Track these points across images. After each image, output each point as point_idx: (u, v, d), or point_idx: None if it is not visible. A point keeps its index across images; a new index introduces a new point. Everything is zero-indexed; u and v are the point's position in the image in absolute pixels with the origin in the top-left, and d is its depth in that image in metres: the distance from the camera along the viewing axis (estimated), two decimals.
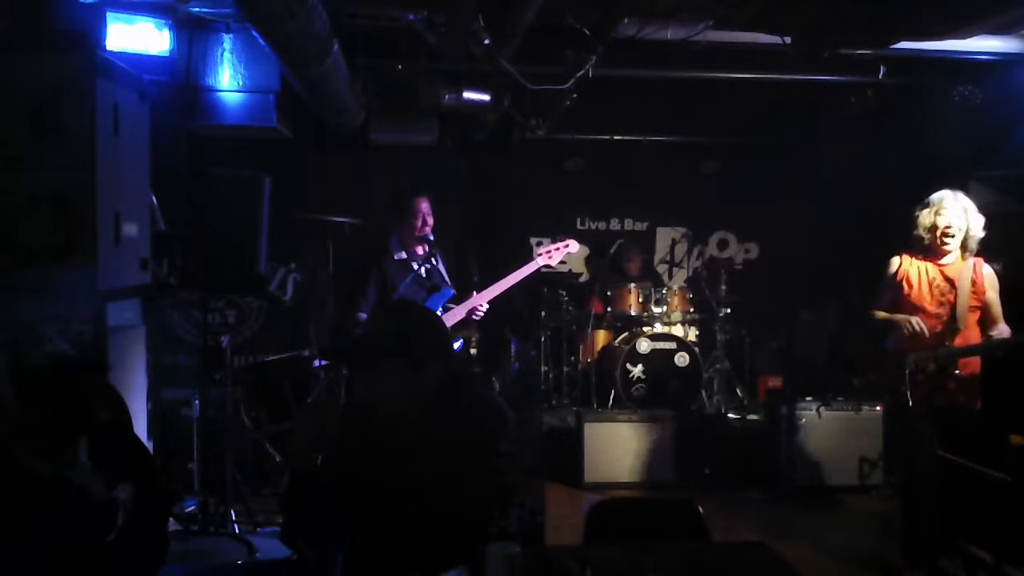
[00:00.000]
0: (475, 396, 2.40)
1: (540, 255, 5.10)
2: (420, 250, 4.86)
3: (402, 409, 2.28)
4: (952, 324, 3.95)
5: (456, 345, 4.89)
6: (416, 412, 2.29)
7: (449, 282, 4.91)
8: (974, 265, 3.99)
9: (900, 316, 4.01)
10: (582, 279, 7.90)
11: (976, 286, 3.97)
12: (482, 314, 4.86)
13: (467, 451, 2.25)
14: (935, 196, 4.06)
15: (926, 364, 3.93)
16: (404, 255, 4.85)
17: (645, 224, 8.33)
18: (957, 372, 3.92)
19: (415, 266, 4.83)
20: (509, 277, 4.94)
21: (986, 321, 3.98)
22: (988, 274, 4.01)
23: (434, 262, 4.87)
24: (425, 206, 4.79)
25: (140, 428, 3.74)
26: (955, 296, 3.95)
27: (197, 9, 4.54)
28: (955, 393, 3.95)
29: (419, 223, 4.76)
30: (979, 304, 3.98)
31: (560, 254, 5.11)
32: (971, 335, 3.97)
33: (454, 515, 2.18)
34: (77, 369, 2.07)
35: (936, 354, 3.92)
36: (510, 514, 2.21)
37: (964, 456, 3.84)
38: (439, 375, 2.32)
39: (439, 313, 4.70)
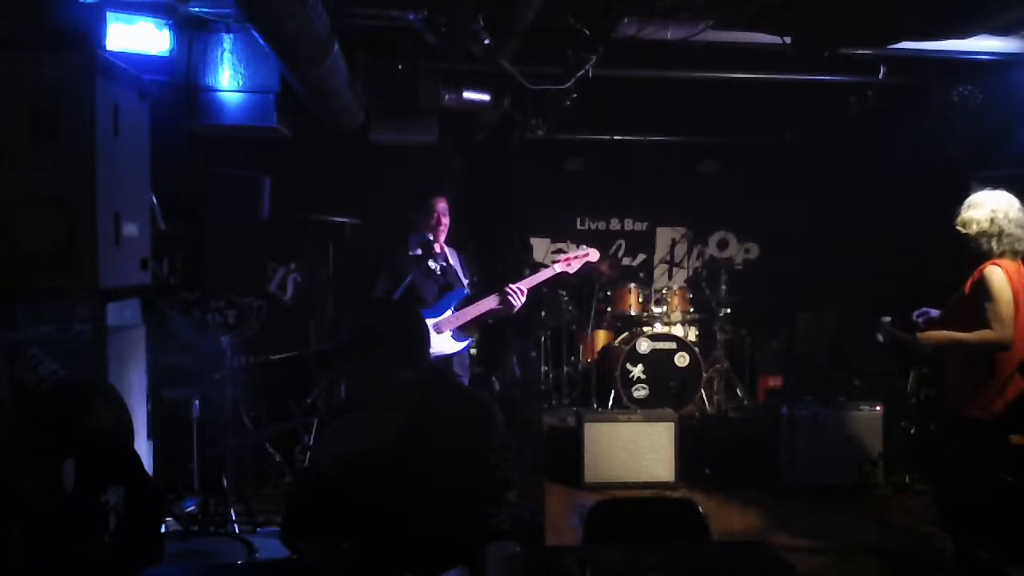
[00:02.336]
0: (461, 394, 2.42)
1: (559, 262, 5.05)
2: (439, 248, 4.85)
3: (390, 405, 2.29)
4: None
5: (464, 344, 4.87)
6: (405, 411, 2.29)
7: (464, 283, 4.88)
8: (977, 270, 3.75)
9: None
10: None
11: (969, 292, 3.76)
12: (518, 296, 4.74)
13: (459, 449, 2.26)
14: None
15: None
16: (420, 252, 4.84)
17: (645, 224, 8.33)
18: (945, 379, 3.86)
19: (431, 264, 4.81)
20: (524, 281, 4.86)
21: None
22: (979, 278, 3.72)
23: (451, 261, 4.85)
24: (441, 205, 4.80)
25: (140, 428, 3.73)
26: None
27: (197, 9, 4.54)
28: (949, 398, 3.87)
29: (433, 222, 4.77)
30: (972, 312, 3.74)
31: (579, 262, 5.07)
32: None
33: (451, 514, 2.19)
34: (67, 390, 2.08)
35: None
36: (503, 511, 2.22)
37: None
38: (422, 369, 2.34)
39: (451, 312, 4.72)
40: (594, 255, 5.17)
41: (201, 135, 5.36)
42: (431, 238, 4.81)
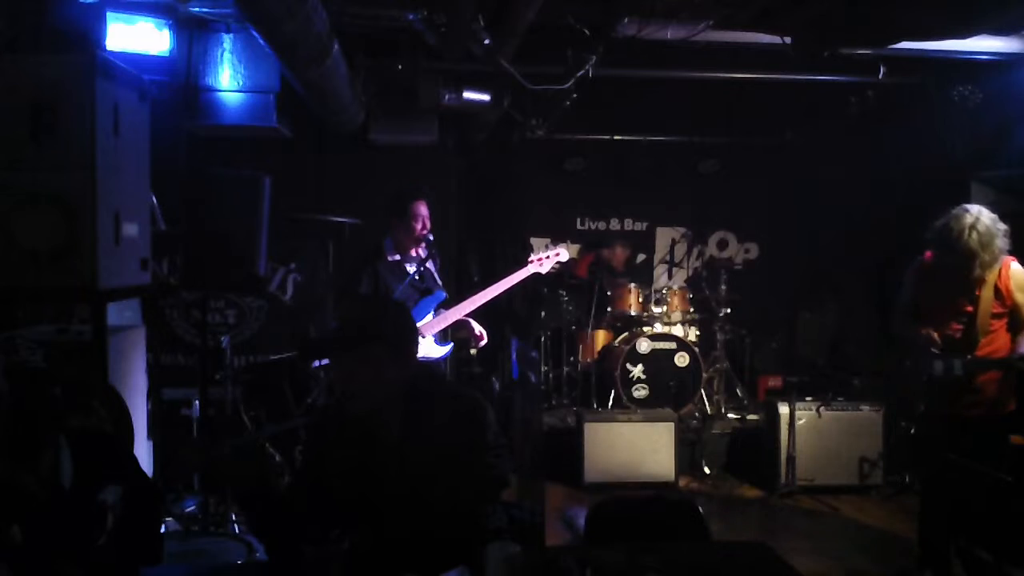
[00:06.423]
0: (453, 393, 2.41)
1: (531, 262, 5.09)
2: (416, 252, 4.81)
3: (379, 400, 2.29)
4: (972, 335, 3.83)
5: (447, 349, 4.85)
6: (395, 409, 2.29)
7: (440, 284, 4.86)
8: (1000, 269, 3.78)
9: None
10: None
11: (1001, 292, 3.79)
12: (482, 338, 4.85)
13: (454, 448, 2.26)
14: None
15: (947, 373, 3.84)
16: (398, 257, 4.77)
17: (645, 224, 8.34)
18: (974, 382, 3.81)
19: (409, 268, 4.77)
20: (499, 284, 4.94)
21: (1017, 324, 3.81)
22: (1016, 274, 3.79)
23: (428, 264, 4.81)
24: (424, 209, 4.73)
25: (140, 428, 3.73)
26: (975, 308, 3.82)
27: (197, 9, 4.54)
28: (975, 402, 3.83)
29: (418, 226, 4.71)
30: (1005, 309, 3.81)
31: (550, 262, 5.12)
32: (999, 341, 3.83)
33: (449, 513, 2.19)
34: (43, 379, 2.09)
35: (954, 363, 3.81)
36: (499, 510, 2.22)
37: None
38: (410, 366, 2.34)
39: (431, 316, 4.71)
40: (564, 255, 5.25)
41: (201, 135, 5.36)
42: (417, 240, 4.75)
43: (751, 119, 7.29)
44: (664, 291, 7.12)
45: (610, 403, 6.64)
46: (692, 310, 7.11)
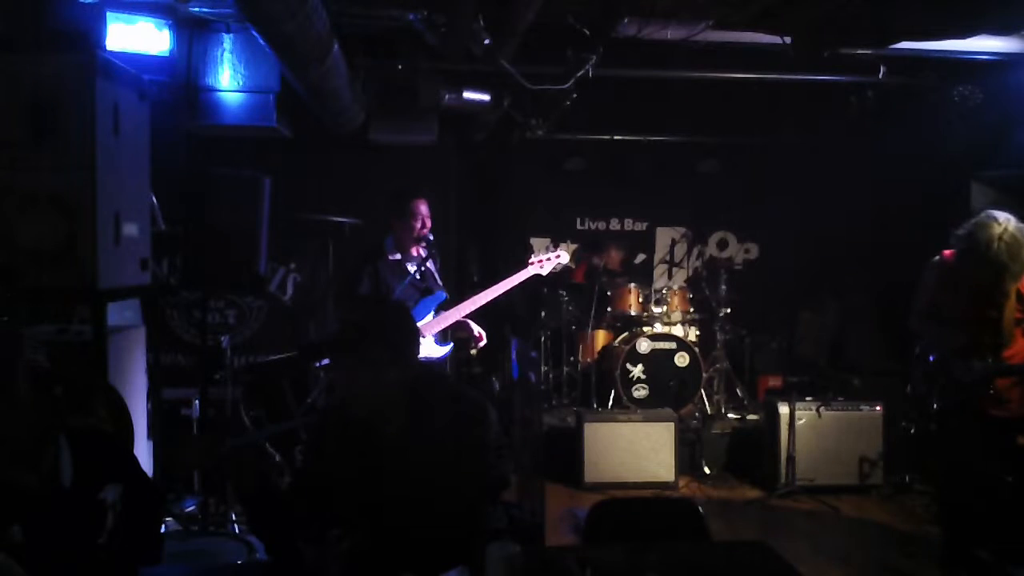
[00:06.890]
0: (454, 393, 2.42)
1: (532, 263, 5.11)
2: (416, 251, 4.82)
3: (381, 402, 2.29)
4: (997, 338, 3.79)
5: (447, 349, 4.86)
6: (396, 411, 2.29)
7: (441, 284, 4.87)
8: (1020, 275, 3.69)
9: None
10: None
11: (1023, 296, 3.73)
12: (481, 339, 4.86)
13: (455, 448, 2.26)
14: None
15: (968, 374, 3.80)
16: (399, 256, 4.78)
17: (645, 224, 8.34)
18: (995, 386, 3.77)
19: (410, 268, 4.78)
20: (499, 285, 4.95)
21: None
22: None
23: (429, 264, 4.82)
24: (424, 208, 4.74)
25: (140, 428, 3.73)
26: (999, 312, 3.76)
27: (197, 9, 4.54)
28: (997, 404, 3.79)
29: (418, 225, 4.72)
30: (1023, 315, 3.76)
31: (551, 264, 5.15)
32: (1019, 345, 3.78)
33: (449, 513, 2.19)
34: (46, 379, 2.09)
35: (974, 367, 3.76)
36: (499, 510, 2.22)
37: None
38: (410, 368, 2.34)
39: (431, 316, 4.71)
40: (565, 257, 5.28)
41: (201, 135, 5.36)
42: (417, 240, 4.75)
43: (751, 119, 7.29)
44: (664, 291, 7.11)
45: (610, 403, 6.64)
46: (692, 310, 7.11)
